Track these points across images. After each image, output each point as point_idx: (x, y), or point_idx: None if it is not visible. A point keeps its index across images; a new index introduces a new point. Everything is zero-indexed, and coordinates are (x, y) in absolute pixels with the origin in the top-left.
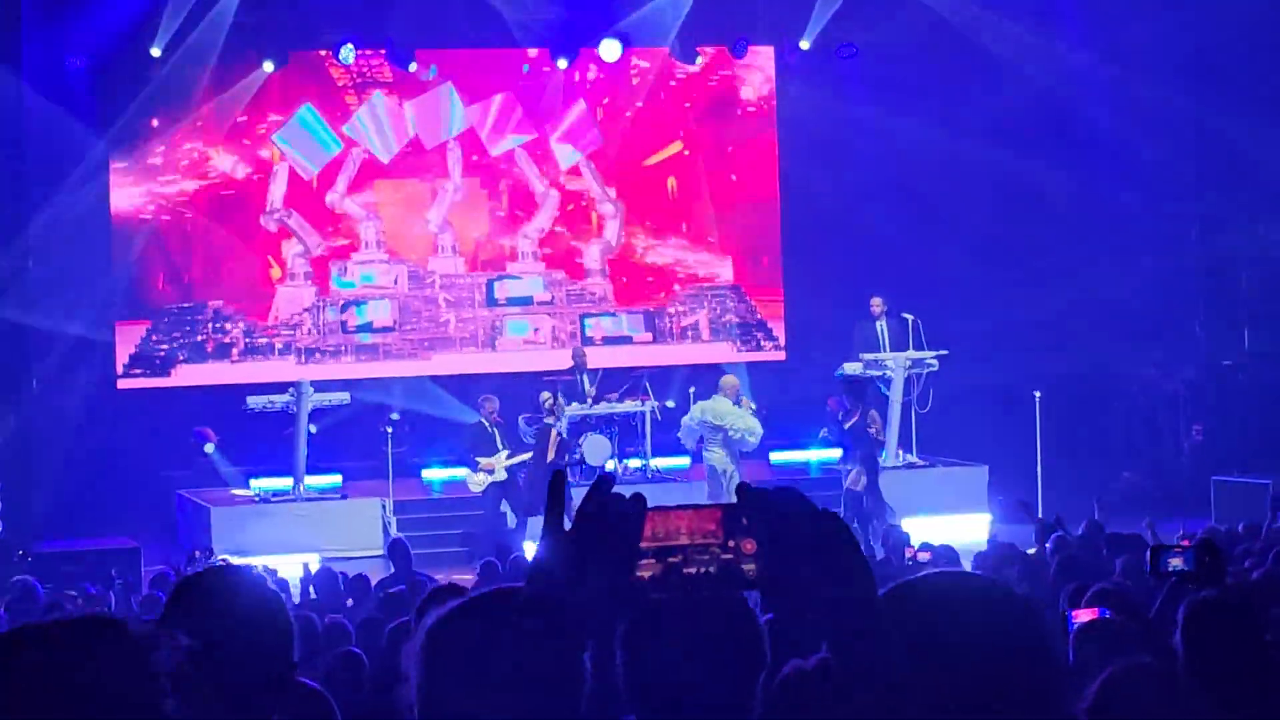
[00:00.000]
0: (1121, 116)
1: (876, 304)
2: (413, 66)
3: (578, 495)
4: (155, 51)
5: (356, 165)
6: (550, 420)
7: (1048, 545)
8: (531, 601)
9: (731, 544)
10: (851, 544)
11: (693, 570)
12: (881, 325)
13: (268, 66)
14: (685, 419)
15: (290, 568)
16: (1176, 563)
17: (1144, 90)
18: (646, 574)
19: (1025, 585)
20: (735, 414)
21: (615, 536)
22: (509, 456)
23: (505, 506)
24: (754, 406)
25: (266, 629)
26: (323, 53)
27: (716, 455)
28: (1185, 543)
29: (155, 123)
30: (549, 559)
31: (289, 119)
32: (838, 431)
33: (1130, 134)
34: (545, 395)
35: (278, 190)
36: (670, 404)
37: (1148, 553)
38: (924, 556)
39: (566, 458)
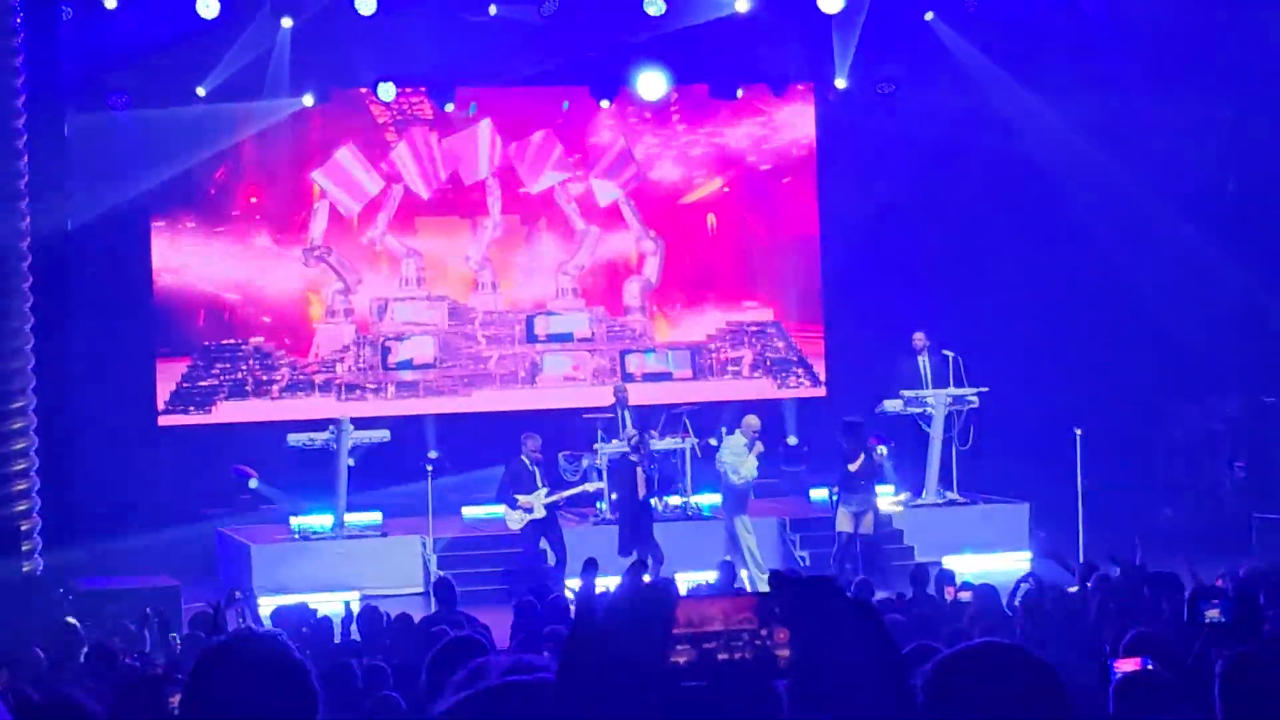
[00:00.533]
0: (1164, 154)
1: (919, 339)
2: (449, 107)
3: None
4: (201, 91)
5: (396, 202)
6: (634, 458)
7: (1089, 584)
8: (561, 696)
9: (765, 631)
10: (884, 635)
11: (726, 656)
12: (924, 360)
13: (307, 100)
14: None
15: (332, 606)
16: (1214, 614)
17: (1186, 124)
18: (681, 659)
19: (1065, 625)
20: (730, 449)
21: (648, 623)
22: (548, 494)
23: (545, 544)
24: (761, 449)
25: (290, 701)
26: (363, 90)
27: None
28: (1220, 581)
29: (198, 161)
30: (582, 647)
31: (330, 157)
32: (841, 474)
33: (1172, 172)
34: (632, 433)
35: (318, 227)
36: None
37: (1184, 602)
38: (965, 596)
39: (654, 492)
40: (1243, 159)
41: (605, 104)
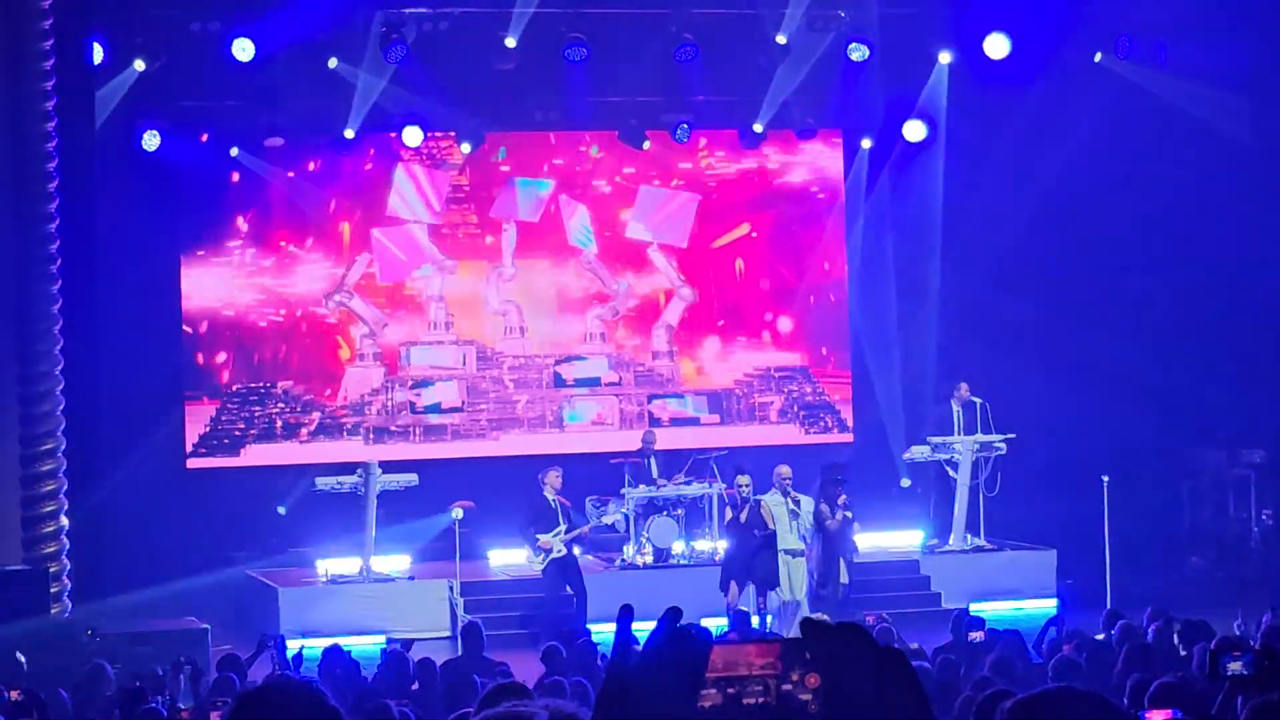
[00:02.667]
0: (1193, 201)
1: (964, 389)
2: (464, 147)
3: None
4: (234, 151)
5: (428, 247)
6: (750, 494)
7: (1114, 633)
8: None
9: (794, 676)
10: (914, 683)
11: (752, 701)
12: (958, 409)
13: (349, 133)
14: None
15: (365, 648)
16: (1236, 666)
17: (1215, 178)
18: (707, 704)
19: (1091, 673)
20: (781, 522)
21: (681, 668)
22: (567, 531)
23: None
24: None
25: None
26: (392, 135)
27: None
28: (1237, 628)
29: (228, 209)
30: (616, 691)
31: (374, 206)
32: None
33: (1199, 219)
34: (743, 479)
35: (353, 275)
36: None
37: (1207, 655)
38: (976, 636)
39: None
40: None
41: (646, 144)
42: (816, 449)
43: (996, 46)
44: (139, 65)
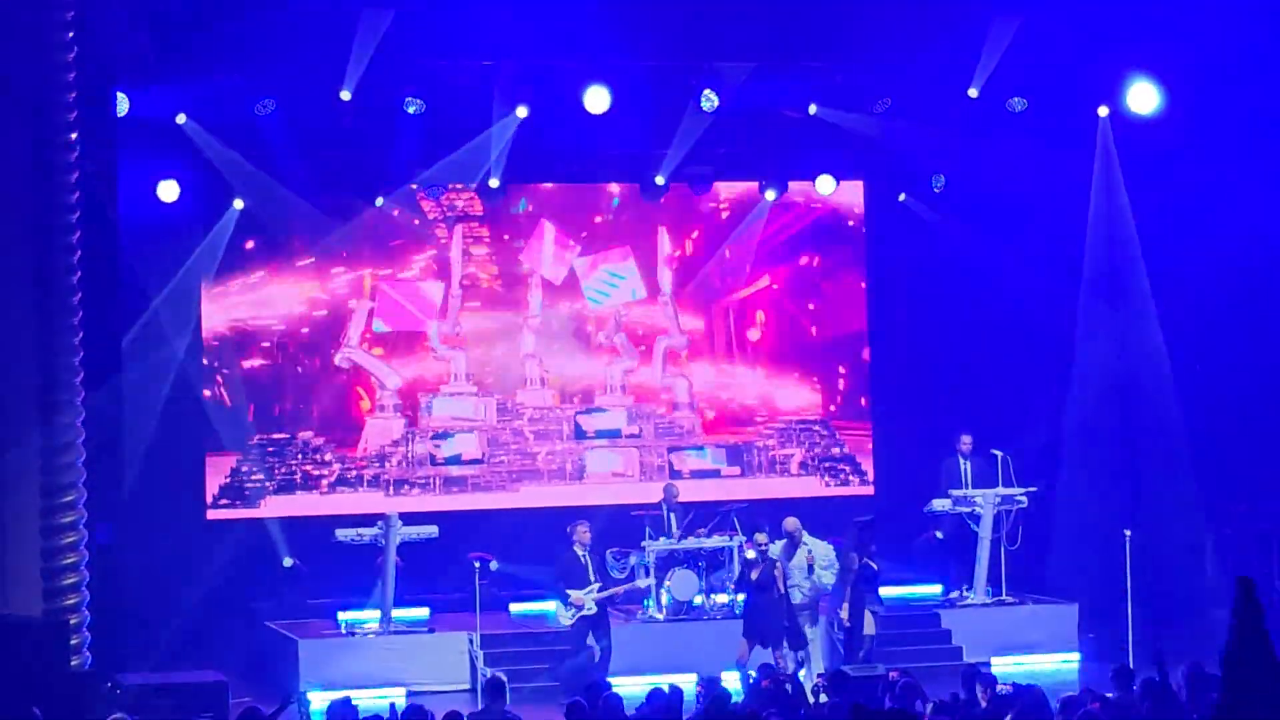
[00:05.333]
0: (1214, 252)
1: (966, 442)
2: (482, 188)
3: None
4: (240, 202)
5: (448, 299)
6: (766, 547)
7: (1135, 689)
8: None
9: None
10: None
11: None
12: (965, 462)
13: (379, 202)
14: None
15: (380, 702)
16: None
17: (1235, 236)
18: None
19: None
20: (795, 575)
21: None
22: (600, 589)
23: (591, 639)
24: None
25: None
26: (413, 186)
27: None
28: None
29: (249, 255)
30: None
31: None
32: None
33: (1221, 270)
34: (761, 536)
35: (355, 329)
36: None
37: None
38: (1003, 689)
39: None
40: None
41: (654, 196)
42: (837, 501)
43: (1015, 103)
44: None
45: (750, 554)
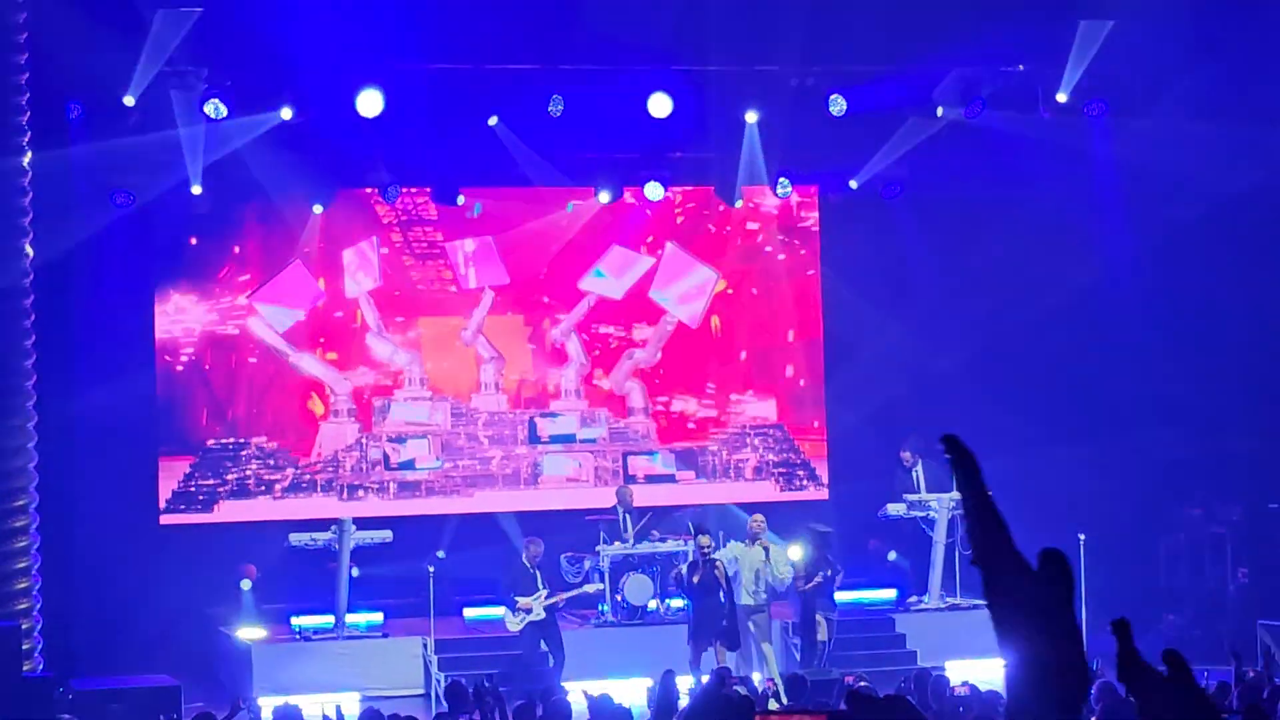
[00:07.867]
0: (1176, 258)
1: (906, 457)
2: (460, 199)
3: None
4: (196, 189)
5: (376, 306)
6: (708, 549)
7: (1091, 691)
8: None
9: None
10: None
11: None
12: (916, 472)
13: (317, 209)
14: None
15: (330, 708)
16: None
17: (1184, 232)
18: None
19: None
20: (744, 572)
21: None
22: (548, 597)
23: (544, 645)
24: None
25: None
26: (368, 190)
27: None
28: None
29: (199, 260)
30: None
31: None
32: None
33: (1175, 278)
34: (705, 539)
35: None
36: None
37: None
38: (962, 691)
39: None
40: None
41: (605, 197)
42: (792, 506)
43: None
44: None
45: (691, 556)
